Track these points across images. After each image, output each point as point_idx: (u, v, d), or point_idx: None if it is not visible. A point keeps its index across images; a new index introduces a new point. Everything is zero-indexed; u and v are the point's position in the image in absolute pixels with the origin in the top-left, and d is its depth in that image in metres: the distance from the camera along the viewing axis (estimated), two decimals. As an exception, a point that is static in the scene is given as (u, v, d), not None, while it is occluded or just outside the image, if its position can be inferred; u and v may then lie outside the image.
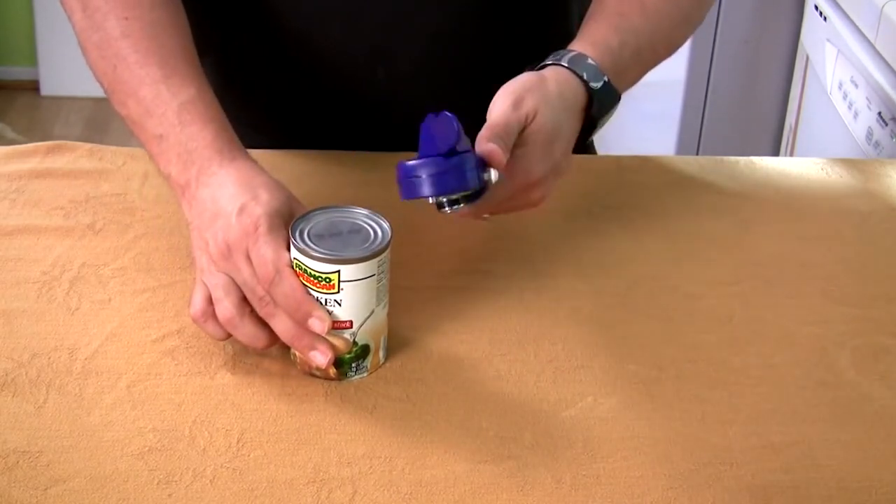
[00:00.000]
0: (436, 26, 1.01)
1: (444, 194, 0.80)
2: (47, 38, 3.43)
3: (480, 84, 0.89)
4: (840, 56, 1.71)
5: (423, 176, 0.78)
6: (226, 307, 0.77)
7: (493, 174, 0.80)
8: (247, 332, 0.77)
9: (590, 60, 0.90)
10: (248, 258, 0.76)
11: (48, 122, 3.40)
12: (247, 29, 1.04)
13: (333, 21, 1.00)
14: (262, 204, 0.78)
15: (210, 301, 0.78)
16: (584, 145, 0.95)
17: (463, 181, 0.79)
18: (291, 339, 0.76)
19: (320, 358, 0.76)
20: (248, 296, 0.77)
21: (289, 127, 1.10)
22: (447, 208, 0.82)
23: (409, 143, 0.85)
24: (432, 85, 1.04)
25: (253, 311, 0.77)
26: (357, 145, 1.07)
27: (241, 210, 0.77)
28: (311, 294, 0.75)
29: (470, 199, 0.82)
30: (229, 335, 0.78)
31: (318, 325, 0.75)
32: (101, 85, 0.90)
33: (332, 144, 1.07)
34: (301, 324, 0.75)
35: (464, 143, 0.79)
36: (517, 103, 0.84)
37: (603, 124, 0.94)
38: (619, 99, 0.92)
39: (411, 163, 0.78)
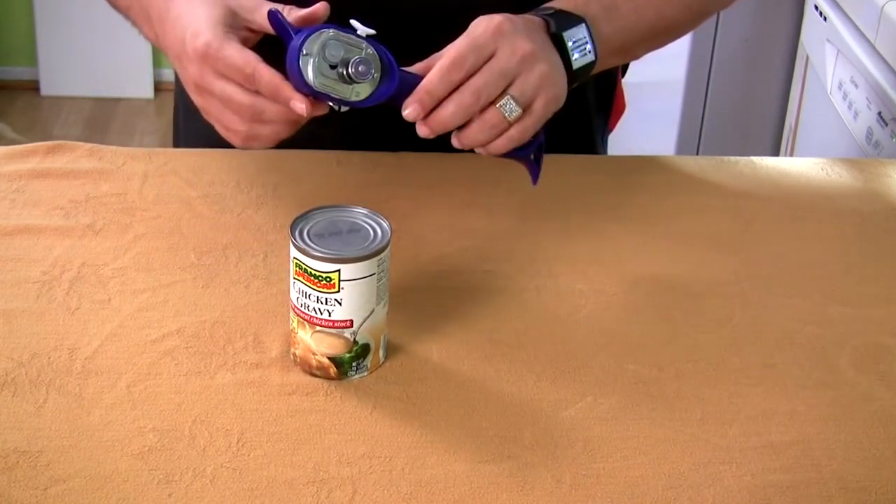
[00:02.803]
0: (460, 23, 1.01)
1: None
2: (47, 38, 3.43)
3: None
4: (840, 56, 1.71)
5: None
6: (235, 128, 0.83)
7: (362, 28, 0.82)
8: (266, 133, 0.83)
9: (538, 8, 0.92)
10: (218, 76, 0.82)
11: (48, 122, 3.40)
12: None
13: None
14: (202, 22, 0.82)
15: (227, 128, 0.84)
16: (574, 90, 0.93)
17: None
18: (285, 116, 0.82)
19: (299, 106, 0.80)
20: (232, 108, 0.82)
21: None
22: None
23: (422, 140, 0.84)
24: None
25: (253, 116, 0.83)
26: (371, 134, 1.06)
27: (191, 38, 0.82)
28: (287, 86, 0.80)
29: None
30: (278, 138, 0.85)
31: (299, 105, 0.79)
32: None
33: (345, 130, 1.06)
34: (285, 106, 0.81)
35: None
36: None
37: (580, 57, 0.90)
38: (580, 21, 0.90)
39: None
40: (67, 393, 0.76)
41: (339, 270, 0.74)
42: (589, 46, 0.91)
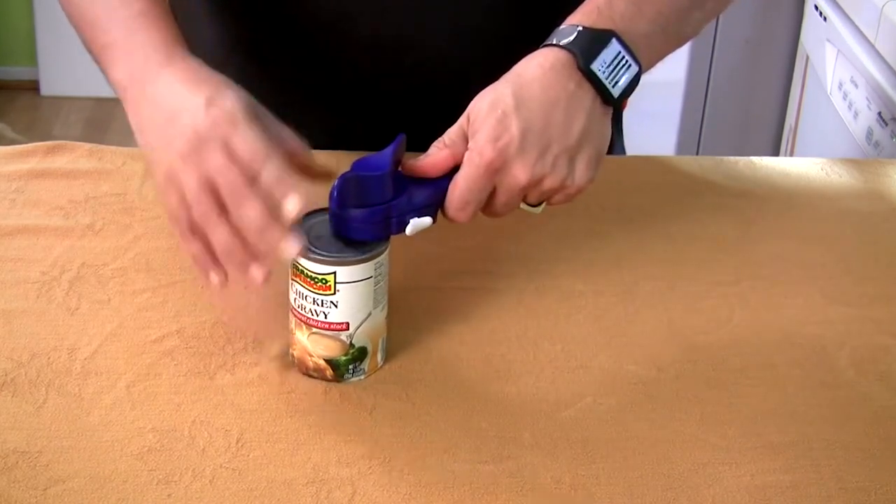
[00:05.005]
0: (462, 19, 1.01)
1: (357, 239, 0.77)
2: (47, 38, 3.43)
3: None
4: (840, 56, 1.71)
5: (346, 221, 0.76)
6: (203, 203, 0.73)
7: (411, 227, 0.78)
8: (222, 239, 0.73)
9: (562, 27, 0.84)
10: (223, 148, 0.73)
11: (48, 122, 3.40)
12: (275, 15, 1.05)
13: (361, 9, 1.01)
14: (230, 98, 0.75)
15: (185, 204, 0.74)
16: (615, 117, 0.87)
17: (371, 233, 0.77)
18: (261, 228, 0.72)
19: (292, 246, 0.72)
20: (221, 182, 0.73)
21: (313, 116, 1.10)
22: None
23: (431, 136, 0.84)
24: (457, 78, 1.04)
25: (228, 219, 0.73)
26: (381, 137, 1.07)
27: (209, 103, 0.75)
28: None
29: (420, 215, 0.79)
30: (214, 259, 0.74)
31: (293, 204, 0.72)
32: (70, 21, 0.90)
33: (355, 135, 1.07)
34: (279, 203, 0.72)
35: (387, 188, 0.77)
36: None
37: (619, 78, 0.82)
38: (609, 37, 0.82)
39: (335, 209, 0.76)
40: (67, 393, 0.76)
41: (334, 273, 0.74)
42: (627, 60, 0.82)
